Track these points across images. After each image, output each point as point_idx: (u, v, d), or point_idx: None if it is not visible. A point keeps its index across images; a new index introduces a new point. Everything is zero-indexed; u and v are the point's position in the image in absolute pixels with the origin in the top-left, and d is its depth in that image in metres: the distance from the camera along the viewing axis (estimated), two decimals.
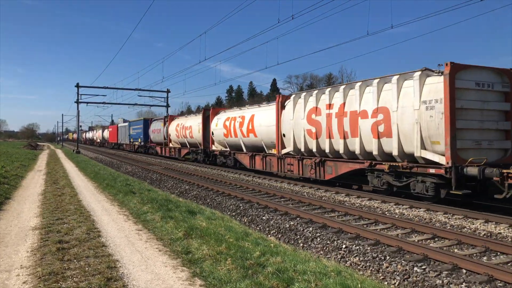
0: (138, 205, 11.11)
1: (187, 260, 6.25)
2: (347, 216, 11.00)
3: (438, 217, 10.56)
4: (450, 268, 6.60)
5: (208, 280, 5.35)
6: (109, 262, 6.07)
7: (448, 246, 8.03)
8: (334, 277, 5.38)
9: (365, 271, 7.08)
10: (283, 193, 14.58)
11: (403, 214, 11.18)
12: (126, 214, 10.07)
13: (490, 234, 8.95)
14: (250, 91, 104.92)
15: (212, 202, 14.20)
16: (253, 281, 5.18)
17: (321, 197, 14.31)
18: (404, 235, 8.96)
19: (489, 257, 7.38)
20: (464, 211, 10.67)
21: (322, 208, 12.09)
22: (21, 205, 11.34)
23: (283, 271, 5.57)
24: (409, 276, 6.51)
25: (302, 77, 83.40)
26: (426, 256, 7.16)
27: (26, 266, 5.94)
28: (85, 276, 5.43)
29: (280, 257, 6.33)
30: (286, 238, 9.46)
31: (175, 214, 9.54)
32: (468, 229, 9.42)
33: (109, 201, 12.15)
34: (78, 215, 9.73)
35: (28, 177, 19.58)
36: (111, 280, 5.32)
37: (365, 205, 12.63)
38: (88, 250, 6.69)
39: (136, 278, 5.48)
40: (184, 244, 7.07)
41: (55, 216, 9.58)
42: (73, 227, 8.42)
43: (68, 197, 12.62)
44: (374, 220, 10.28)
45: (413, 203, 12.05)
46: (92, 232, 8.03)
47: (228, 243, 6.99)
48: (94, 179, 18.30)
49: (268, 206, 12.44)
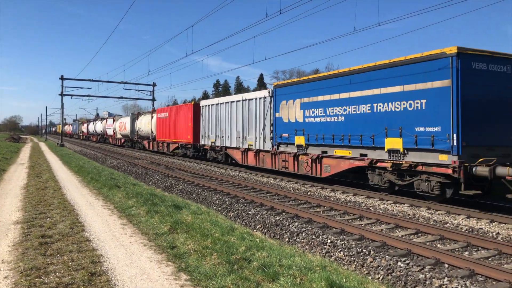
0: (123, 199, 11.01)
1: (172, 255, 6.22)
2: (332, 211, 11.08)
3: (422, 213, 10.71)
4: (433, 262, 6.71)
5: (193, 275, 5.33)
6: (93, 257, 6.01)
7: (431, 241, 8.16)
8: (319, 272, 5.41)
9: (350, 265, 7.14)
10: (269, 188, 14.60)
11: (387, 210, 11.31)
12: (111, 209, 9.97)
13: (471, 230, 9.11)
14: (237, 85, 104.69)
15: (198, 197, 14.15)
16: (238, 276, 5.18)
17: (307, 192, 14.37)
18: (388, 230, 9.07)
19: (470, 252, 7.51)
20: (447, 207, 10.84)
21: (307, 203, 12.15)
22: (2, 199, 11.13)
23: (268, 265, 5.59)
24: (392, 270, 6.59)
25: (289, 72, 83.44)
26: (410, 251, 7.26)
27: (7, 261, 5.83)
28: (68, 271, 5.36)
29: (265, 252, 6.35)
30: (272, 233, 9.48)
31: (161, 209, 9.49)
32: (450, 225, 9.58)
33: (94, 195, 12.01)
34: (61, 209, 9.59)
35: (10, 170, 19.23)
36: (95, 275, 5.27)
37: (350, 200, 12.73)
38: (71, 245, 6.61)
39: (120, 273, 5.43)
40: (170, 239, 7.04)
41: (38, 210, 9.43)
42: (56, 221, 8.30)
43: (51, 191, 12.43)
44: (359, 215, 10.37)
45: (397, 199, 12.19)
46: (76, 226, 7.94)
47: (213, 238, 6.98)
48: (78, 173, 18.07)
49: (254, 201, 12.45)
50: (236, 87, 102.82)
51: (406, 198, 12.16)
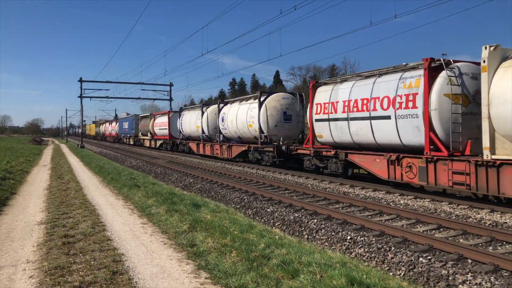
0: (143, 198, 11.15)
1: (192, 253, 6.26)
2: (351, 207, 10.98)
3: (443, 207, 10.52)
4: (456, 258, 6.58)
5: (213, 273, 5.36)
6: (114, 256, 6.10)
7: (454, 236, 8.01)
8: (339, 269, 5.37)
9: (370, 262, 7.07)
10: (287, 185, 14.57)
11: (407, 205, 11.15)
12: (131, 208, 10.10)
13: (495, 224, 8.91)
14: (253, 83, 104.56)
15: (217, 195, 14.22)
16: (258, 273, 5.18)
17: (325, 188, 14.29)
18: (409, 225, 8.94)
19: (494, 247, 7.35)
20: (469, 202, 10.62)
21: (326, 199, 12.07)
22: (26, 200, 11.40)
23: (288, 263, 5.57)
24: (414, 266, 6.49)
25: (305, 68, 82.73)
26: (432, 246, 7.14)
27: (32, 261, 5.97)
28: (90, 270, 5.45)
29: (285, 249, 6.34)
30: (291, 230, 9.46)
31: (180, 207, 9.56)
32: (473, 219, 9.39)
33: (114, 195, 12.19)
34: (83, 209, 9.77)
35: (33, 172, 19.68)
36: (116, 274, 5.35)
37: (370, 196, 12.60)
38: (93, 244, 6.72)
39: (141, 271, 5.50)
40: (189, 237, 7.09)
41: (60, 210, 9.62)
42: (78, 221, 8.46)
43: (73, 192, 12.67)
44: (379, 211, 10.25)
45: (418, 194, 12.01)
46: (97, 226, 8.07)
47: (232, 236, 7.00)
48: (98, 174, 18.36)
49: (272, 198, 12.44)
50: (252, 85, 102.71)
51: (426, 194, 11.96)
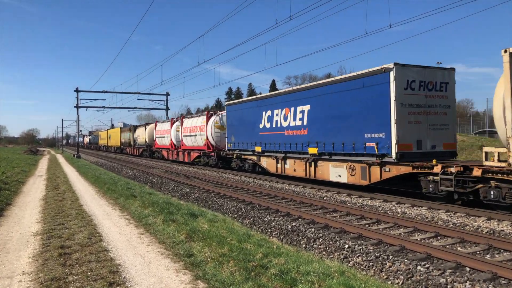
0: (140, 208, 11.09)
1: (189, 263, 6.23)
2: (349, 216, 10.97)
3: (440, 215, 10.53)
4: (454, 266, 6.58)
5: (211, 283, 5.33)
6: (111, 267, 6.05)
7: (451, 244, 8.01)
8: (337, 278, 5.35)
9: (368, 270, 7.05)
10: (284, 194, 14.55)
11: (405, 213, 11.15)
12: (128, 218, 10.05)
13: (493, 232, 8.92)
14: (250, 92, 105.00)
15: (214, 205, 14.17)
16: (256, 283, 5.15)
17: (323, 197, 14.28)
18: (407, 234, 8.93)
19: (492, 255, 7.35)
20: (466, 209, 10.64)
21: (323, 208, 12.06)
22: (22, 211, 11.31)
23: (286, 272, 5.55)
24: (412, 275, 6.48)
25: (301, 77, 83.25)
26: (429, 254, 7.14)
27: (28, 272, 5.91)
28: (87, 281, 5.40)
29: (282, 258, 6.31)
30: (289, 239, 9.43)
31: (177, 217, 9.52)
32: (470, 227, 9.39)
33: (110, 205, 12.13)
34: (79, 220, 9.70)
35: (29, 183, 19.56)
36: (113, 285, 5.30)
37: (367, 204, 12.60)
38: (90, 255, 6.66)
39: (138, 282, 5.45)
40: (186, 247, 7.05)
41: (56, 221, 9.55)
42: (74, 232, 8.39)
43: (69, 202, 12.60)
44: (376, 219, 10.25)
45: (415, 202, 12.02)
46: (93, 236, 8.01)
47: (230, 245, 6.97)
48: (95, 184, 18.28)
49: (269, 207, 12.41)
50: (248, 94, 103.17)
51: (423, 201, 11.98)
